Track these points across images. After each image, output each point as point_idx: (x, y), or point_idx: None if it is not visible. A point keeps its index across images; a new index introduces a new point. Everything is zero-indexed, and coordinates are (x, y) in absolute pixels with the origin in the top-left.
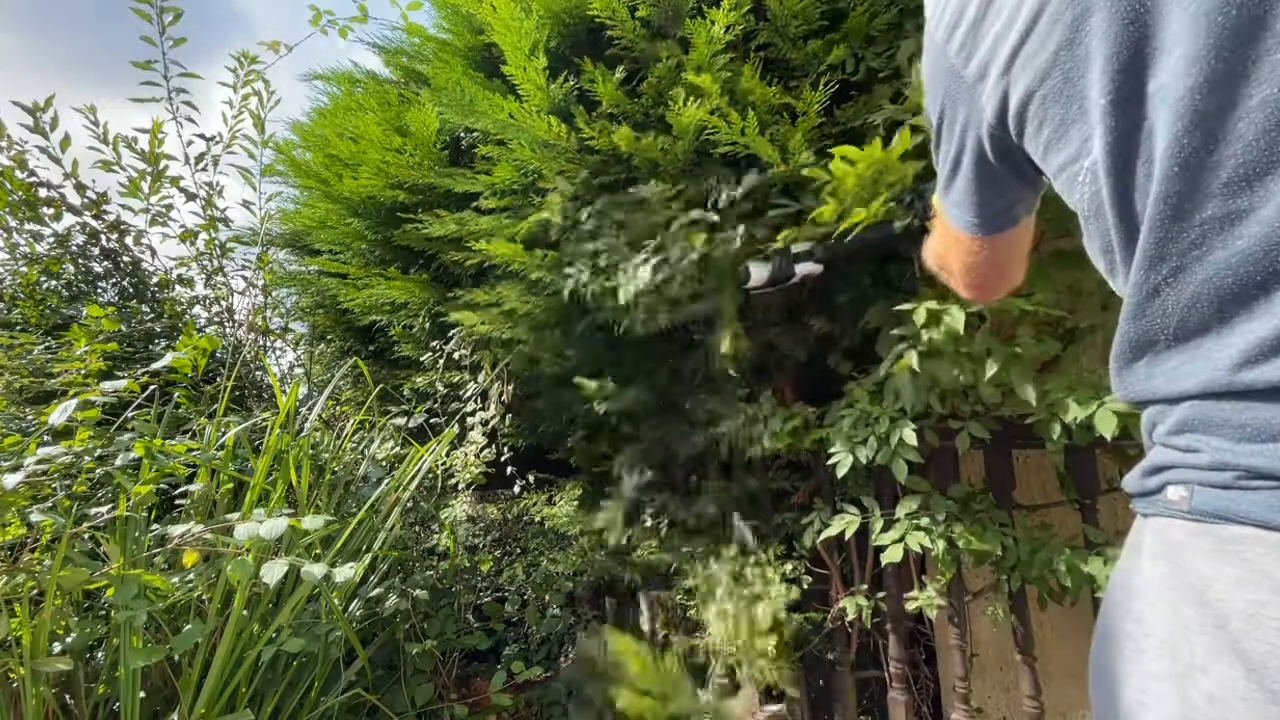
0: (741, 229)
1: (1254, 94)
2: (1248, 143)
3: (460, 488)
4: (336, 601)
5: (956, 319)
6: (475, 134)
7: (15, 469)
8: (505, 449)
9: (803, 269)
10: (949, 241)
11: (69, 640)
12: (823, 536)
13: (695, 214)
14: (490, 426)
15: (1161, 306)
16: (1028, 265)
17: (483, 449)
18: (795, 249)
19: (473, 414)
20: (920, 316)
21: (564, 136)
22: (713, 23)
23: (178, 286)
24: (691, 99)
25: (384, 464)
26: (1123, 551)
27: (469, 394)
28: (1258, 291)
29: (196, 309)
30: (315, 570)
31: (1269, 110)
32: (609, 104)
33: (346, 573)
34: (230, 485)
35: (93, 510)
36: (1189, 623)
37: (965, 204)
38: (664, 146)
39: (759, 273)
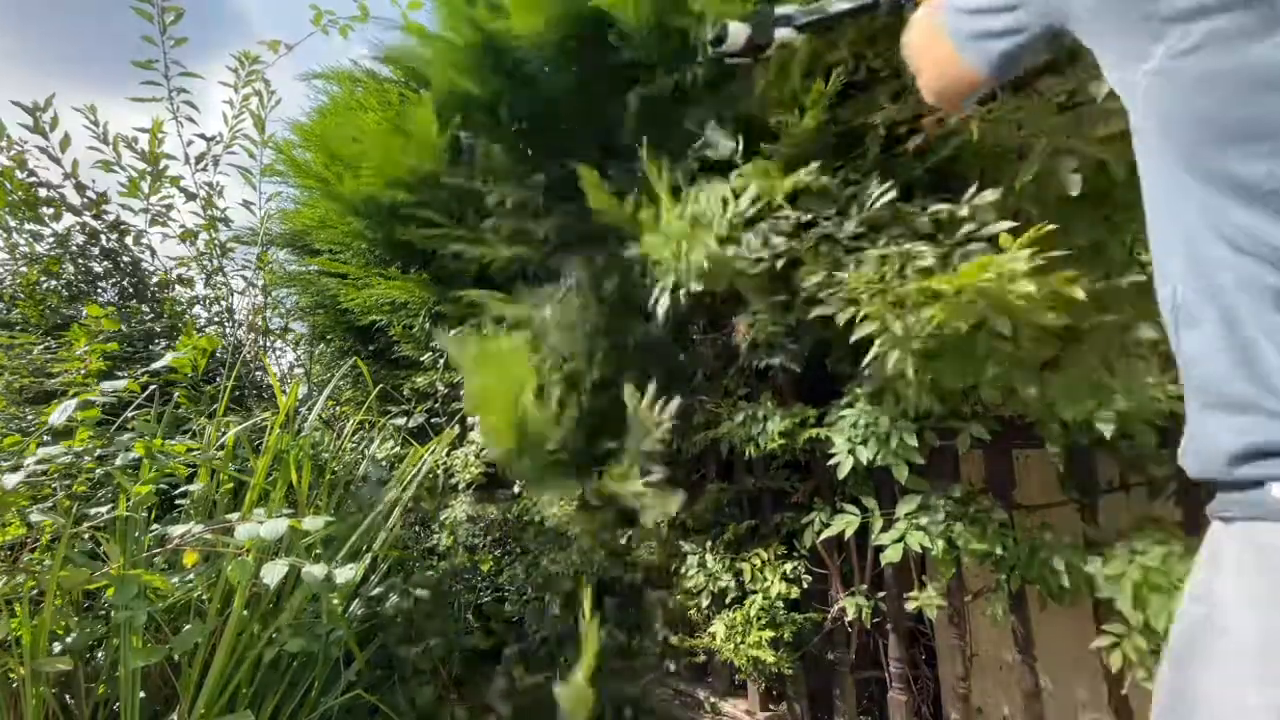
0: None
1: None
2: None
3: (460, 488)
4: (336, 602)
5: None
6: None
7: (15, 469)
8: None
9: (781, 34)
10: (938, 54)
11: (69, 640)
12: (823, 536)
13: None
14: None
15: None
16: (1027, 266)
17: (483, 449)
18: (774, 12)
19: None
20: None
21: None
22: None
23: (178, 286)
24: None
25: (384, 464)
26: (1197, 564)
27: None
28: None
29: (196, 309)
30: (316, 571)
31: None
32: None
33: (347, 574)
34: (230, 485)
35: (93, 510)
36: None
37: (998, 57)
38: None
39: (736, 34)
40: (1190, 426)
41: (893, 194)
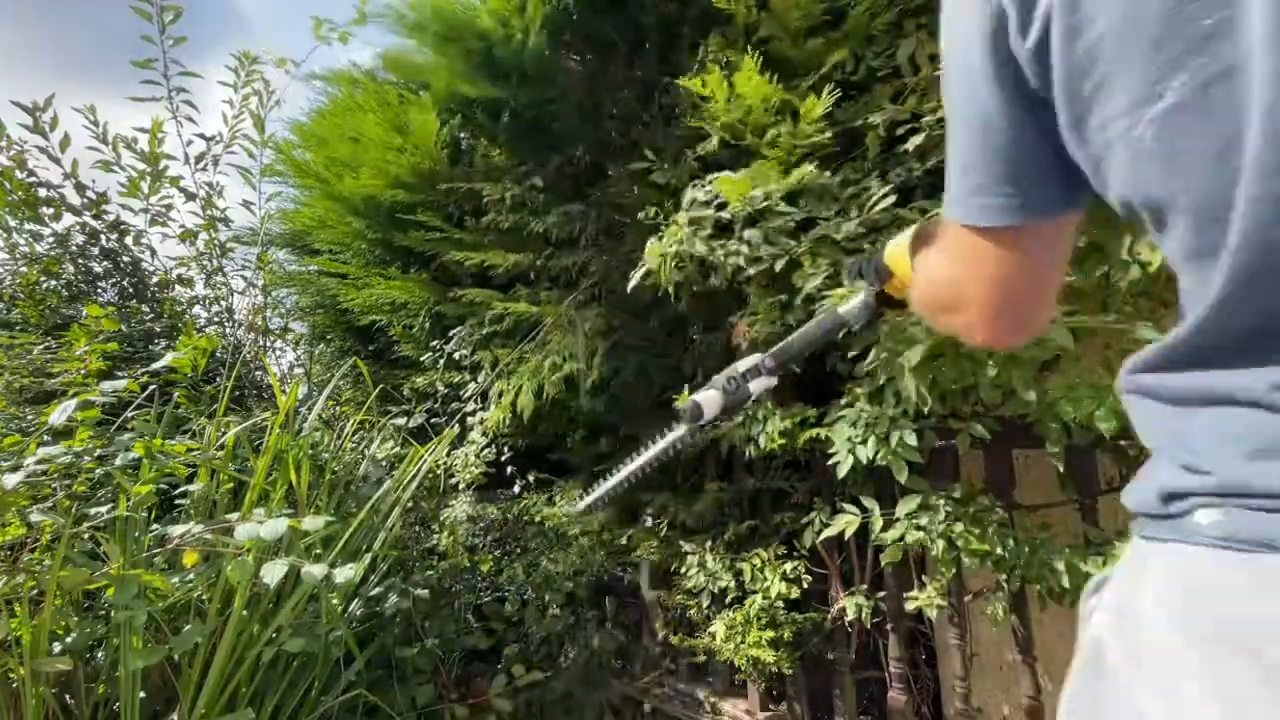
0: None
1: None
2: None
3: (460, 488)
4: (336, 602)
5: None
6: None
7: (15, 469)
8: (505, 449)
9: (757, 385)
10: (959, 262)
11: (69, 640)
12: (823, 536)
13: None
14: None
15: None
16: None
17: (483, 449)
18: (742, 366)
19: (473, 414)
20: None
21: None
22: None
23: (178, 286)
24: None
25: (384, 464)
26: (1119, 572)
27: (469, 394)
28: None
29: (196, 309)
30: (315, 571)
31: None
32: None
33: (346, 574)
34: (230, 485)
35: (93, 510)
36: (1233, 675)
37: (983, 168)
38: None
39: (711, 405)
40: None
41: (892, 198)
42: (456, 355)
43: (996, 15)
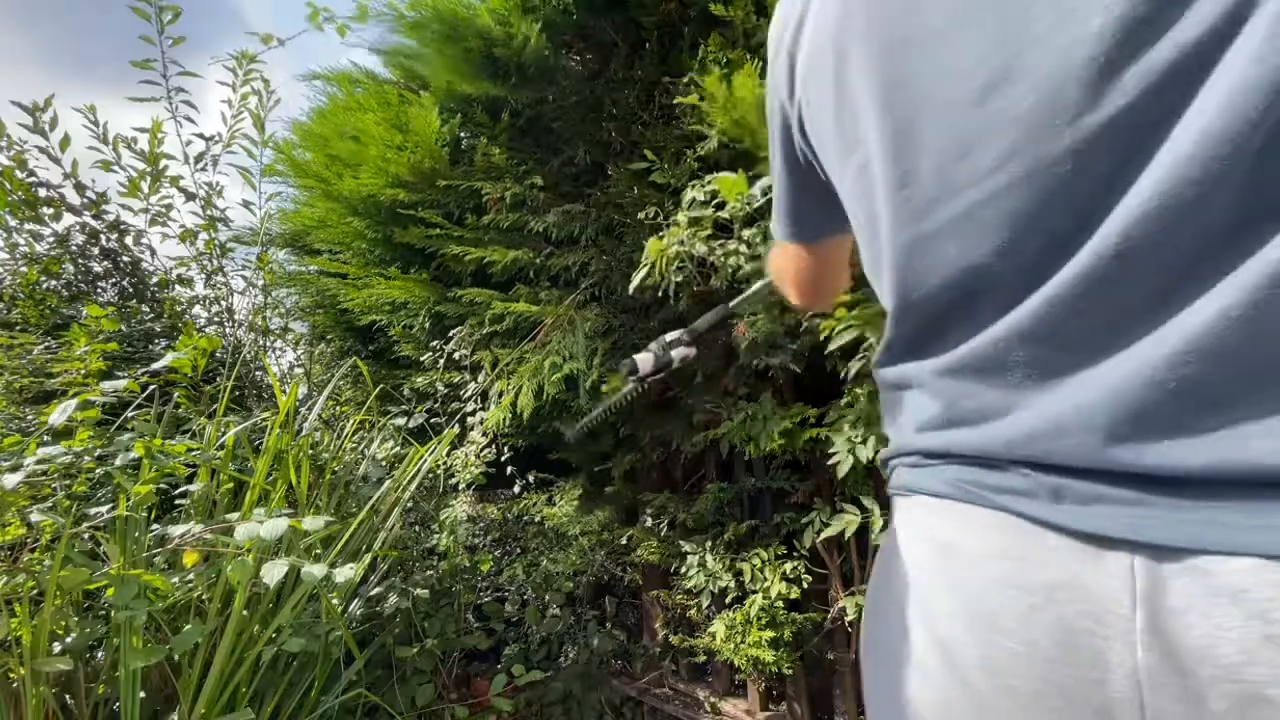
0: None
1: (929, 138)
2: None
3: (460, 488)
4: (336, 602)
5: None
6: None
7: (15, 469)
8: (505, 449)
9: (678, 353)
10: (779, 253)
11: (69, 640)
12: (823, 536)
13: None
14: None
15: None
16: None
17: (483, 449)
18: (668, 337)
19: (473, 414)
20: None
21: None
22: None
23: (178, 286)
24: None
25: (384, 464)
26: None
27: (469, 394)
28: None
29: (196, 309)
30: (315, 571)
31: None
32: None
33: (346, 573)
34: (230, 485)
35: (93, 510)
36: (898, 584)
37: (781, 210)
38: None
39: (645, 364)
40: None
41: None
42: (456, 355)
43: (781, 103)
